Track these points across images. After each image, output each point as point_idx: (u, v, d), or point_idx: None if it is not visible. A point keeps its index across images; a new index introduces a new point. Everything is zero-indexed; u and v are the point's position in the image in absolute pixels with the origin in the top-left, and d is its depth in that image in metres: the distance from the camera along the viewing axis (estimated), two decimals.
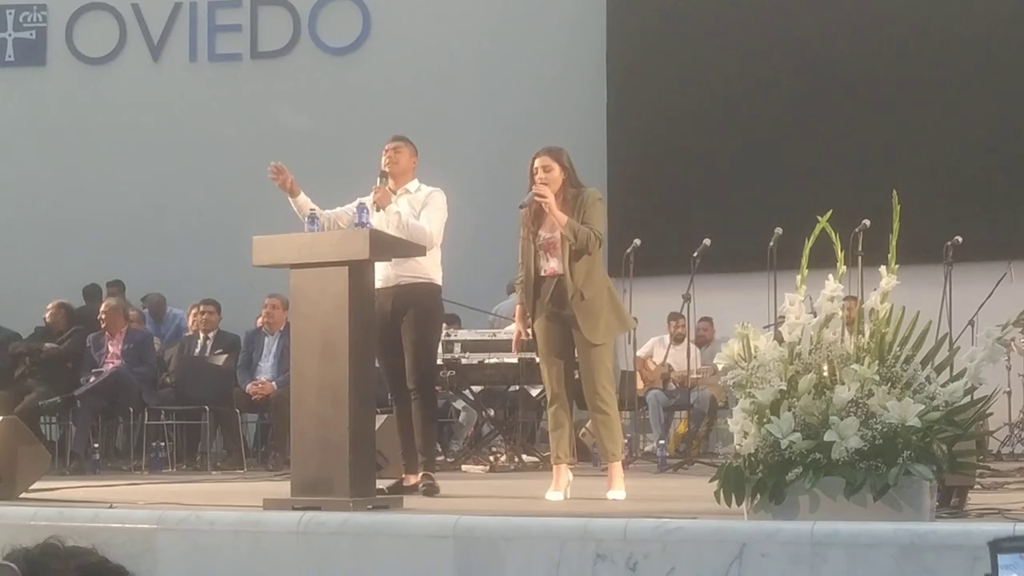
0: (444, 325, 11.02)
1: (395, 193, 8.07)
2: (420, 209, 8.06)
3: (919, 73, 14.64)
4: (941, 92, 14.51)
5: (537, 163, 7.61)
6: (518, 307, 7.92)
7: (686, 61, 15.48)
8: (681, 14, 15.64)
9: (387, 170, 8.10)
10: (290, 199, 7.95)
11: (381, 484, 7.63)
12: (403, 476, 8.05)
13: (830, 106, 14.83)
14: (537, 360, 9.70)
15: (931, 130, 14.42)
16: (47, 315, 13.16)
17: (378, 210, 7.87)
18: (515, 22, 16.49)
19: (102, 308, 12.47)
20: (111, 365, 12.16)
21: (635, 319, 12.36)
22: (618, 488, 7.44)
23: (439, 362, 10.39)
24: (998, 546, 4.23)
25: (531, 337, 7.77)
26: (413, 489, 7.86)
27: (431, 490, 7.87)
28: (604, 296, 7.55)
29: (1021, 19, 14.40)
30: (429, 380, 8.36)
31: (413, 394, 8.14)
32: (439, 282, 8.19)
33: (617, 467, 7.53)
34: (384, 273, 7.91)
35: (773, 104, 15.05)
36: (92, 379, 12.06)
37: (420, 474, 8.01)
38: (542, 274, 7.57)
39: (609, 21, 15.99)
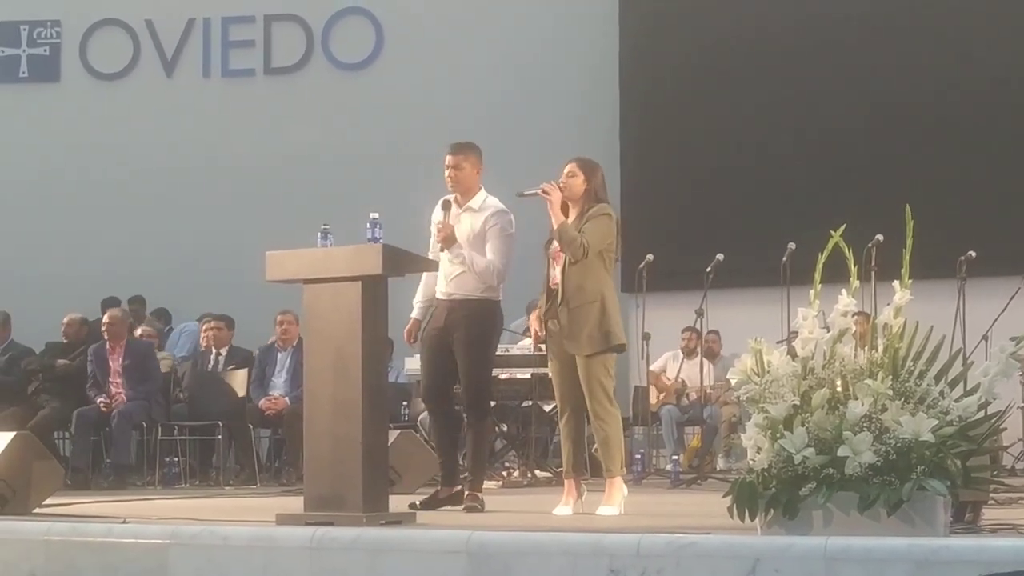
0: None
1: (459, 206, 7.89)
2: (483, 235, 7.86)
3: (932, 88, 14.63)
4: (954, 107, 14.49)
5: (565, 168, 7.61)
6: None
7: (698, 76, 15.49)
8: (693, 29, 15.64)
9: (451, 190, 7.91)
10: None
11: (415, 499, 7.81)
12: (439, 488, 7.99)
13: (843, 121, 14.83)
14: (550, 376, 9.68)
15: (944, 145, 14.40)
16: (64, 329, 13.15)
17: (442, 250, 7.77)
18: (529, 37, 16.50)
19: (105, 319, 12.36)
20: (114, 387, 12.07)
21: (647, 337, 12.48)
22: (611, 504, 7.38)
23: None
24: None
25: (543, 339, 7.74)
26: (451, 500, 7.80)
27: (473, 509, 7.71)
28: (594, 309, 7.42)
29: None
30: (483, 401, 8.15)
31: (467, 415, 8.09)
32: (497, 296, 7.98)
33: (614, 482, 7.46)
34: (443, 286, 7.87)
35: (786, 119, 15.05)
36: (101, 399, 11.99)
37: (466, 492, 7.88)
38: (551, 284, 7.57)
39: (622, 37, 16.01)
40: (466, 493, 7.89)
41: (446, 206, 7.91)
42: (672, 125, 15.51)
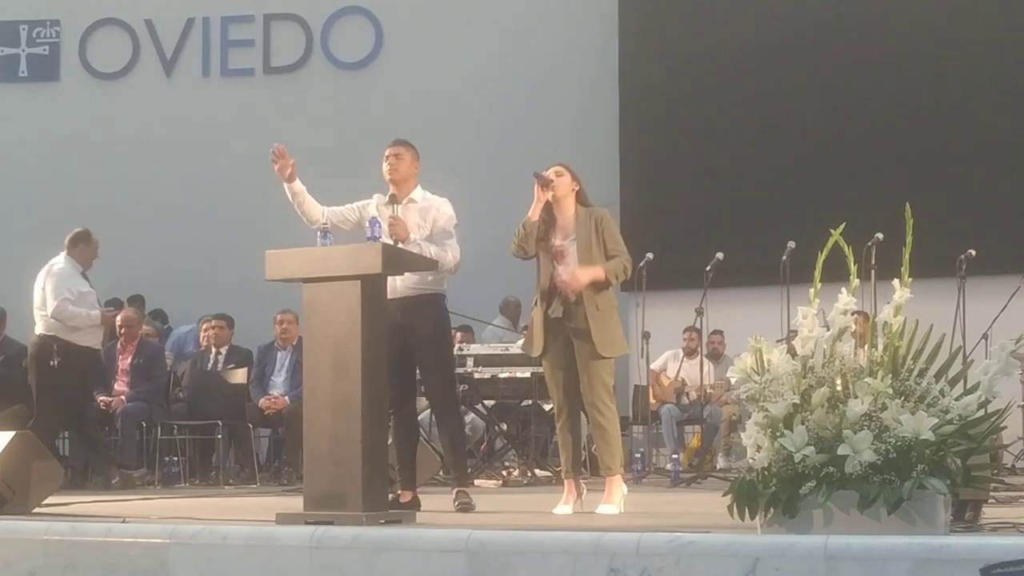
0: (458, 336, 11.02)
1: (400, 204, 7.92)
2: (430, 227, 7.91)
3: (931, 86, 14.64)
4: (953, 105, 14.50)
5: (551, 170, 7.63)
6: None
7: (698, 76, 15.48)
8: (693, 29, 15.64)
9: (388, 178, 7.96)
10: (285, 185, 7.94)
11: None
12: (399, 493, 7.79)
13: (842, 119, 14.84)
14: (546, 374, 9.67)
15: (944, 143, 14.41)
16: None
17: (396, 243, 7.70)
18: (528, 37, 16.50)
19: (120, 318, 12.40)
20: (120, 386, 12.11)
21: (647, 336, 12.48)
22: (611, 503, 7.40)
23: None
24: (990, 572, 4.24)
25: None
26: (409, 505, 7.64)
27: (467, 507, 7.65)
28: (614, 314, 7.57)
29: None
30: (453, 397, 8.22)
31: (440, 414, 8.06)
32: (443, 290, 8.04)
33: (614, 481, 7.49)
34: (390, 284, 7.83)
35: (785, 118, 15.04)
36: (102, 398, 12.03)
37: (455, 490, 7.86)
38: (553, 283, 7.56)
39: (623, 37, 16.01)
40: (455, 491, 7.84)
41: (392, 200, 7.93)
42: (672, 125, 15.51)
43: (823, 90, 14.97)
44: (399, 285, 7.78)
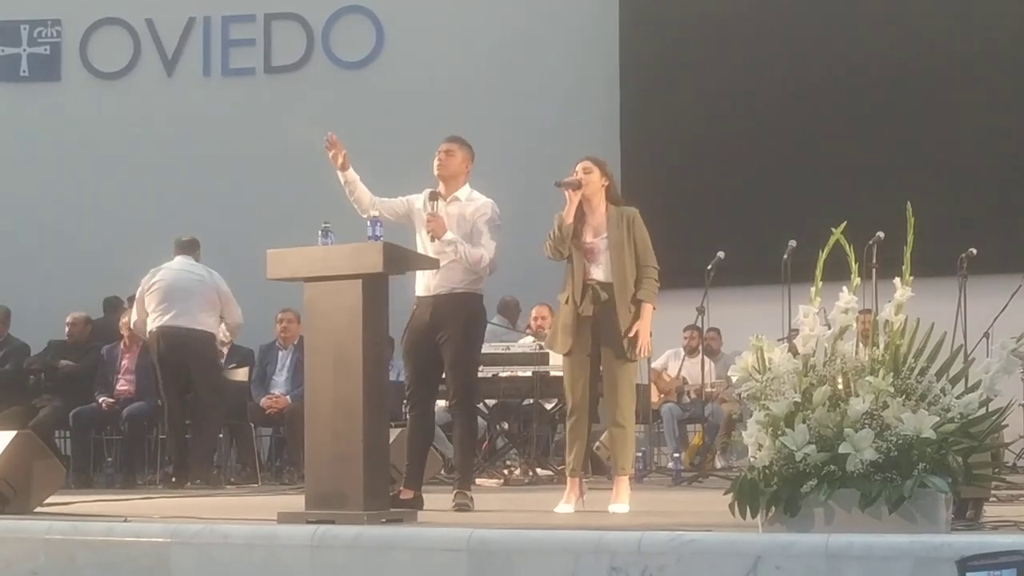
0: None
1: (444, 199, 7.87)
2: (470, 227, 7.85)
3: (933, 84, 14.62)
4: (955, 103, 14.48)
5: (579, 166, 7.63)
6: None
7: (699, 74, 15.47)
8: (694, 27, 15.64)
9: (436, 173, 7.90)
10: (338, 173, 7.94)
11: None
12: (400, 489, 7.71)
13: (844, 118, 14.81)
14: (551, 374, 9.66)
15: (945, 142, 14.39)
16: (68, 328, 13.12)
17: (432, 240, 7.72)
18: (528, 36, 16.50)
19: (123, 320, 12.41)
20: (123, 384, 12.13)
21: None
22: (621, 502, 7.44)
23: None
24: (966, 564, 4.24)
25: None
26: (411, 503, 7.56)
27: (464, 508, 7.60)
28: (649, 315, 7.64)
29: None
30: (471, 397, 8.14)
31: (455, 411, 7.98)
32: (481, 290, 7.95)
33: (624, 481, 7.53)
34: (425, 281, 7.81)
35: (787, 116, 15.03)
36: (103, 399, 12.05)
37: (455, 491, 7.80)
38: (586, 280, 7.57)
39: (622, 35, 16.00)
40: (455, 491, 7.79)
41: (433, 197, 7.88)
42: (673, 122, 15.49)
43: (825, 88, 14.95)
44: (432, 283, 7.79)
